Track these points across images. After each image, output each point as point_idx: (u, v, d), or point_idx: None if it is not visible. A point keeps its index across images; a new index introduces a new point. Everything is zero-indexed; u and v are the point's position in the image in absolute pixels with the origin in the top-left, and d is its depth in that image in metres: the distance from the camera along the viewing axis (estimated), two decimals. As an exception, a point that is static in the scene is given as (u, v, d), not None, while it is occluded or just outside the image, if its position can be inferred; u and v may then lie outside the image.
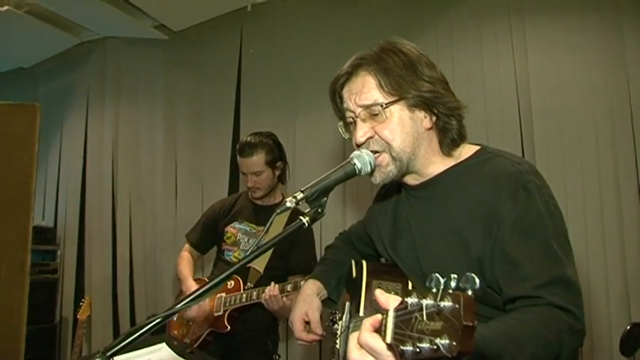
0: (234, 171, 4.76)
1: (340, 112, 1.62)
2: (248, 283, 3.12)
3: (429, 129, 1.54)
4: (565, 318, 1.29)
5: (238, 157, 3.24)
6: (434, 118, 1.53)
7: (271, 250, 2.91)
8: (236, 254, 3.24)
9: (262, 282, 3.06)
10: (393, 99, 1.48)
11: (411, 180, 1.61)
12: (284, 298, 2.85)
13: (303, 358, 4.27)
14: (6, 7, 4.35)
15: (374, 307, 1.55)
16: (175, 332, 3.28)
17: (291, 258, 3.18)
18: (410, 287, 1.63)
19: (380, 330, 1.02)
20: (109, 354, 1.10)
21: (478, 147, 1.60)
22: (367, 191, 3.88)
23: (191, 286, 3.12)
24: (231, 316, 3.07)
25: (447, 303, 0.82)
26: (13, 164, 3.60)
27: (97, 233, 5.23)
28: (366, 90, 1.51)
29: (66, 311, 5.28)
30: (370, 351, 1.01)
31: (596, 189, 3.57)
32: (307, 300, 1.87)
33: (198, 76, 5.08)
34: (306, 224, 1.36)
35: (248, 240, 3.25)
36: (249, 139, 3.21)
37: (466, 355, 0.80)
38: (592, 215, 3.54)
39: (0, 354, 3.35)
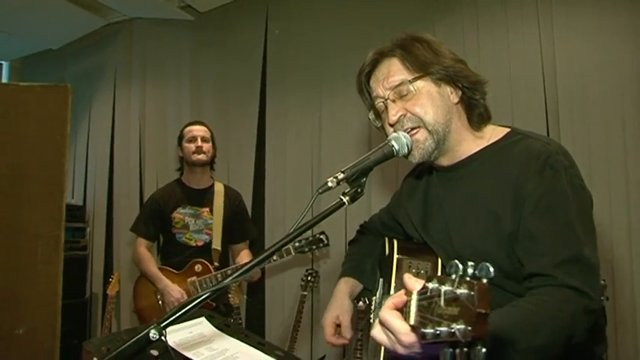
0: (260, 150, 4.88)
1: (370, 103, 1.69)
2: (215, 263, 3.59)
3: (457, 103, 1.60)
4: (579, 299, 1.33)
5: (187, 128, 3.77)
6: (460, 93, 1.59)
7: (222, 227, 3.63)
8: (187, 235, 3.66)
9: (223, 257, 3.63)
10: (418, 75, 1.56)
11: (443, 161, 1.65)
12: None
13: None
14: (37, -10, 4.44)
15: (402, 287, 1.61)
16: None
17: (238, 231, 3.74)
18: (440, 266, 1.68)
19: (402, 310, 1.07)
20: (162, 325, 1.17)
21: (508, 129, 1.64)
22: (392, 179, 3.91)
23: (168, 283, 3.55)
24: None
25: (463, 290, 0.87)
26: (46, 144, 3.68)
27: (124, 211, 5.33)
28: (392, 73, 1.59)
29: (96, 287, 5.44)
30: (389, 328, 1.08)
31: (622, 173, 3.55)
32: (339, 303, 1.93)
33: (224, 57, 5.14)
34: (347, 203, 1.41)
35: (195, 221, 3.67)
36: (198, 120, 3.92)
37: (479, 339, 0.85)
38: (617, 199, 3.53)
39: (39, 326, 3.47)
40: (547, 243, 1.39)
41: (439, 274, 1.63)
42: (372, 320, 1.95)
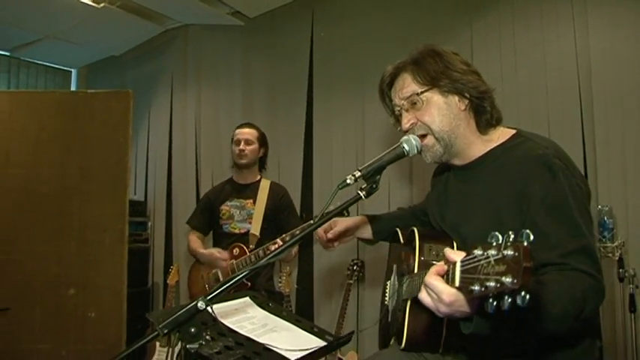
0: (308, 147, 5.14)
1: (390, 109, 1.93)
2: (250, 246, 3.80)
3: (464, 110, 1.79)
4: (589, 280, 1.51)
5: (236, 130, 3.99)
6: (466, 101, 1.78)
7: (262, 216, 3.85)
8: (232, 225, 3.92)
9: (260, 243, 3.78)
10: (426, 88, 1.76)
11: (457, 161, 1.86)
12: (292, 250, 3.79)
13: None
14: (102, 4, 4.83)
15: (426, 267, 1.81)
16: None
17: (282, 222, 3.91)
18: (455, 249, 1.87)
19: (444, 276, 1.30)
20: (208, 298, 1.43)
21: (514, 131, 1.82)
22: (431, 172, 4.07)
23: (205, 251, 3.88)
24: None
25: (508, 252, 1.09)
26: (111, 146, 4.02)
27: (182, 206, 5.66)
28: (405, 85, 1.80)
29: (157, 277, 5.80)
30: (433, 290, 1.30)
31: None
32: (344, 219, 2.22)
33: (273, 59, 5.40)
34: (363, 197, 1.64)
35: (239, 212, 3.94)
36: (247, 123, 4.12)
37: (524, 287, 1.06)
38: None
39: (107, 311, 3.83)
40: (556, 237, 1.57)
41: None
42: (387, 302, 2.16)
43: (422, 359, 1.89)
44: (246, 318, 1.88)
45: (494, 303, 1.11)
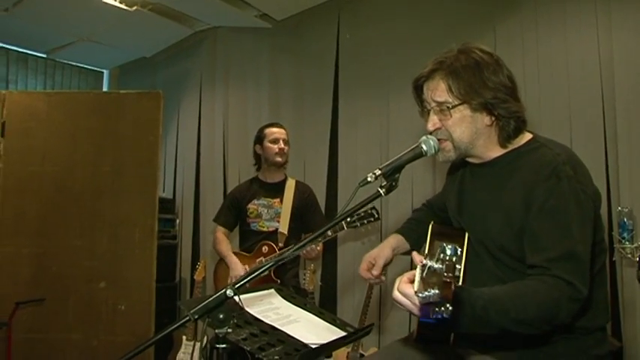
0: (334, 148, 5.22)
1: (420, 101, 1.94)
2: (280, 244, 3.90)
3: (489, 125, 1.83)
4: (566, 289, 1.57)
5: (269, 129, 4.10)
6: (493, 118, 1.82)
7: (290, 214, 3.95)
8: (261, 223, 4.03)
9: (289, 241, 3.89)
10: (458, 102, 1.79)
11: (473, 160, 1.94)
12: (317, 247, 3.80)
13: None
14: (135, 7, 4.98)
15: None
16: None
17: (309, 220, 4.02)
18: (465, 250, 1.94)
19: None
20: (236, 287, 1.53)
21: (531, 136, 1.88)
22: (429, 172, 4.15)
23: (234, 259, 3.93)
24: (274, 272, 3.82)
25: (439, 265, 1.26)
26: (142, 145, 4.16)
27: (210, 203, 5.76)
28: (439, 90, 1.82)
29: (184, 272, 5.93)
30: (404, 295, 1.43)
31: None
32: (380, 249, 2.25)
33: (300, 62, 5.49)
34: (383, 195, 1.73)
35: (267, 211, 4.03)
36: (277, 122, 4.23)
37: (446, 299, 1.21)
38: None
39: (137, 304, 3.96)
40: (546, 241, 1.65)
41: (464, 258, 1.91)
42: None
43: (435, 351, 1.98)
44: (270, 308, 1.97)
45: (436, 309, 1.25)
